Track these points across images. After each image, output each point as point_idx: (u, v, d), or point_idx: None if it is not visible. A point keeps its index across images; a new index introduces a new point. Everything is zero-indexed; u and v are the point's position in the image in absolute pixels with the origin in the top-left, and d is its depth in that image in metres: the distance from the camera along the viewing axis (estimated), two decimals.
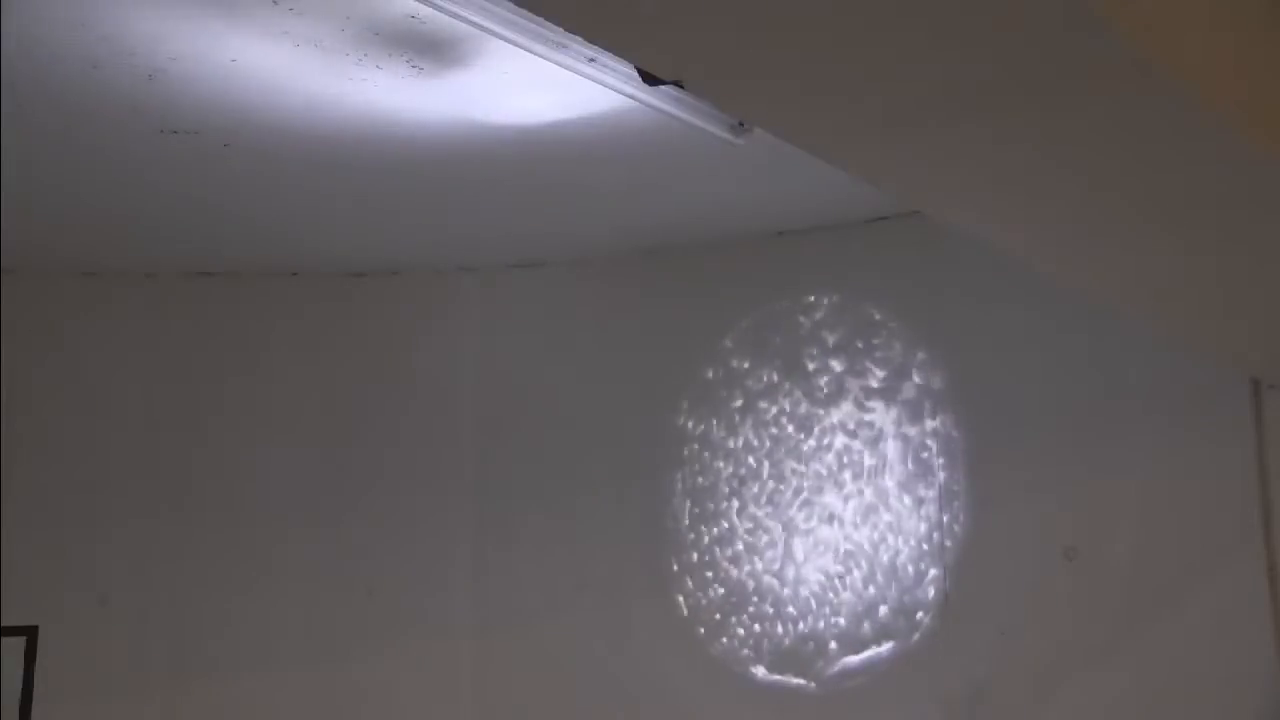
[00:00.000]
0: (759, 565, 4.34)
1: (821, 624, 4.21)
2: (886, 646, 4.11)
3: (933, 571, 4.06)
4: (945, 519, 4.06)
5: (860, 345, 4.30)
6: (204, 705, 4.62)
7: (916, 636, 4.06)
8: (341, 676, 4.67)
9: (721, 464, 4.46)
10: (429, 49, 3.01)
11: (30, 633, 4.46)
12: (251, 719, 4.61)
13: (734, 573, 4.38)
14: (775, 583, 4.31)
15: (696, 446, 4.51)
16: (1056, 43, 1.71)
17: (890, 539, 4.14)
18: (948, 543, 4.05)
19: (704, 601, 4.41)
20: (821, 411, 4.32)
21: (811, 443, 4.32)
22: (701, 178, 3.93)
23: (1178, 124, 1.99)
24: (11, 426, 4.54)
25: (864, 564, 4.18)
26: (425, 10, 2.74)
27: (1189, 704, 3.66)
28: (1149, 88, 1.84)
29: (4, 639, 4.38)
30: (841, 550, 4.21)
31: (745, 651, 4.32)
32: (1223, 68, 1.99)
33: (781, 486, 4.34)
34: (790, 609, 4.27)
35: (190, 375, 4.83)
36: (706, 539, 4.44)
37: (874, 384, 4.26)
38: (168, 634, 4.63)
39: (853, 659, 4.15)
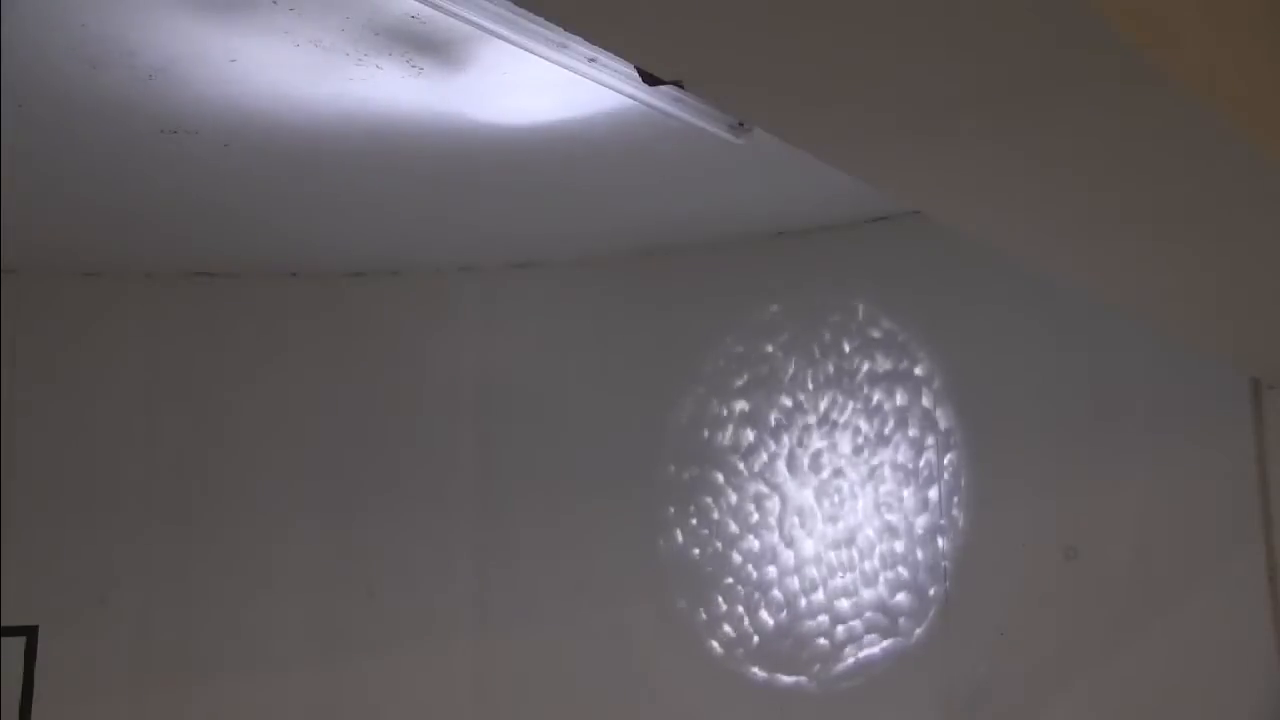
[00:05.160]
0: (758, 565, 4.34)
1: (820, 624, 4.21)
2: (886, 646, 4.11)
3: (933, 572, 4.06)
4: (945, 519, 4.06)
5: (860, 345, 4.30)
6: (204, 705, 4.62)
7: (916, 636, 4.06)
8: (341, 677, 4.67)
9: (720, 464, 4.46)
10: (429, 49, 3.01)
11: (30, 633, 4.46)
12: (252, 718, 4.61)
13: (732, 572, 4.38)
14: (774, 582, 4.31)
15: (695, 446, 4.51)
16: (1056, 44, 1.71)
17: (890, 538, 4.14)
18: (948, 543, 4.05)
19: (702, 601, 4.41)
20: (821, 412, 4.32)
21: (810, 443, 4.32)
22: (701, 178, 3.93)
23: (1177, 124, 1.99)
24: (12, 426, 4.54)
25: (863, 563, 4.18)
26: (425, 10, 2.74)
27: (1189, 704, 3.66)
28: (1149, 88, 1.84)
29: (4, 639, 4.38)
30: (840, 550, 4.21)
31: (744, 651, 4.32)
32: (1223, 68, 1.99)
33: (780, 487, 4.34)
34: (789, 608, 4.27)
35: (190, 375, 4.83)
36: (705, 539, 4.44)
37: (874, 384, 4.25)
38: (168, 634, 4.63)
39: (852, 658, 4.15)
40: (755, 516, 4.37)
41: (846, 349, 4.32)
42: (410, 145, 3.59)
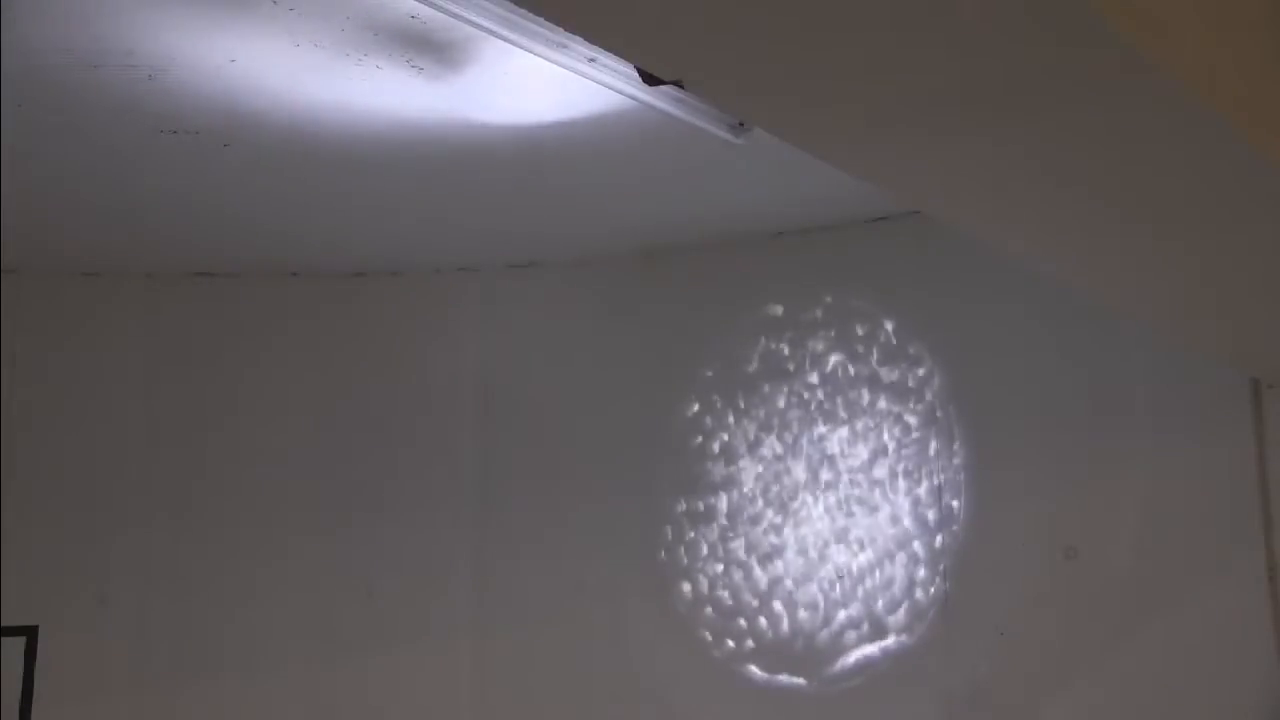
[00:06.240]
0: (757, 565, 4.34)
1: (820, 623, 4.21)
2: (886, 646, 4.11)
3: (933, 572, 4.06)
4: (945, 519, 4.06)
5: (860, 346, 4.30)
6: (204, 705, 4.62)
7: (916, 636, 4.06)
8: (341, 677, 4.67)
9: (719, 464, 4.46)
10: (429, 49, 3.01)
11: (30, 633, 4.46)
12: (252, 718, 4.61)
13: (732, 572, 4.38)
14: (774, 582, 4.31)
15: (695, 446, 4.51)
16: (1055, 43, 1.71)
17: (890, 539, 4.14)
18: (948, 543, 4.05)
19: (702, 601, 4.41)
20: (820, 412, 4.32)
21: (810, 442, 4.32)
22: (701, 178, 3.93)
23: (1177, 124, 1.99)
24: (12, 426, 4.54)
25: (863, 563, 4.18)
26: (425, 10, 2.74)
27: (1189, 704, 3.66)
28: (1148, 88, 1.84)
29: (4, 639, 4.38)
30: (840, 550, 4.22)
31: (743, 651, 4.32)
32: (1223, 68, 1.99)
33: (780, 486, 4.34)
34: (789, 609, 4.27)
35: (190, 375, 4.83)
36: (705, 539, 4.44)
37: (874, 384, 4.25)
38: (168, 634, 4.64)
39: (852, 659, 4.15)
40: (755, 516, 4.37)
41: (846, 349, 4.32)
42: (410, 145, 3.59)
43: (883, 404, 4.23)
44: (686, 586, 4.45)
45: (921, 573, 4.08)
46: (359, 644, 4.69)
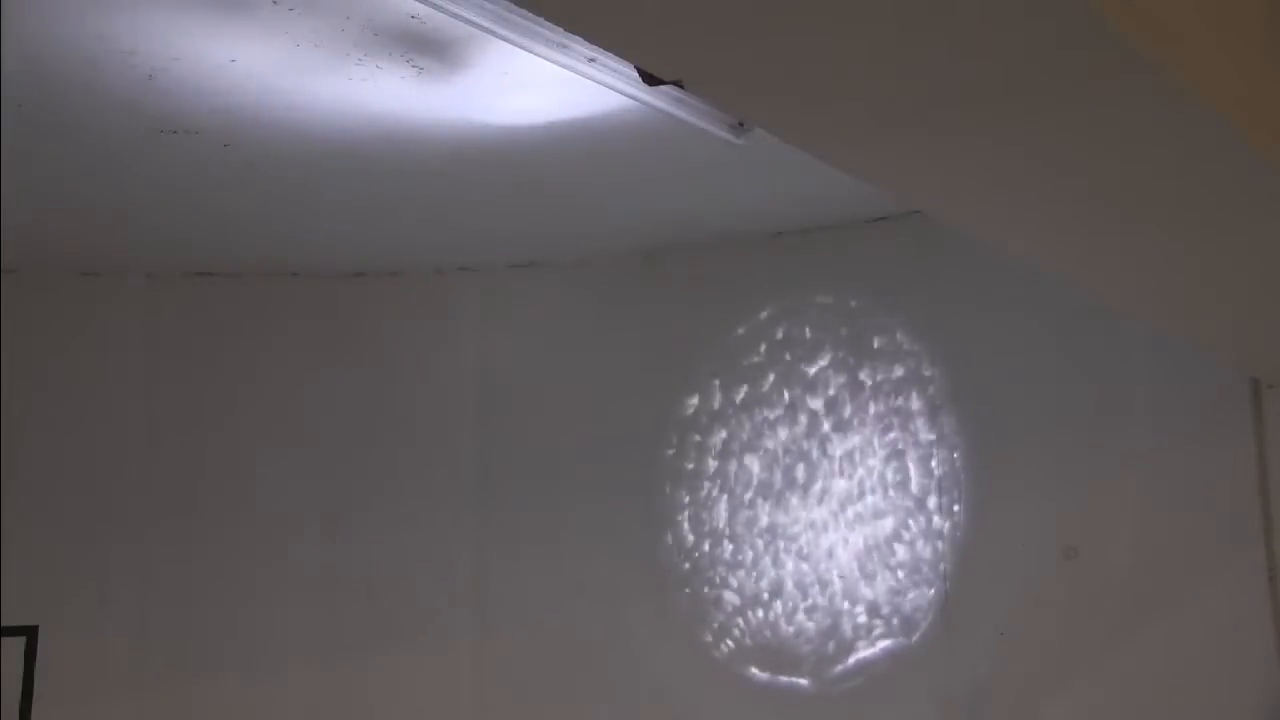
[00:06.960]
0: (757, 566, 4.34)
1: (821, 624, 4.21)
2: (886, 646, 4.11)
3: (933, 572, 4.06)
4: (945, 519, 4.06)
5: (860, 346, 4.30)
6: (204, 705, 4.62)
7: (916, 636, 4.06)
8: (341, 677, 4.67)
9: (719, 465, 4.46)
10: (429, 49, 3.01)
11: (30, 633, 4.46)
12: (252, 718, 4.61)
13: (732, 573, 4.38)
14: (774, 583, 4.31)
15: (694, 446, 4.51)
16: (1056, 43, 1.71)
17: (890, 539, 4.14)
18: (948, 543, 4.05)
19: (702, 602, 4.41)
20: (821, 413, 4.32)
21: (810, 444, 4.32)
22: (701, 178, 3.93)
23: (1177, 124, 1.99)
24: (11, 426, 4.54)
25: (863, 564, 4.18)
26: (425, 10, 2.74)
27: (1189, 704, 3.66)
28: (1148, 88, 1.84)
29: (4, 639, 4.38)
30: (841, 550, 4.22)
31: (744, 652, 4.32)
32: (1223, 68, 1.99)
33: (781, 487, 4.34)
34: (789, 609, 4.27)
35: (190, 375, 4.83)
36: (705, 540, 4.44)
37: (874, 385, 4.26)
38: (168, 634, 4.63)
39: (852, 659, 4.15)
40: (755, 516, 4.37)
41: (846, 349, 4.32)
42: (410, 145, 3.59)
43: (883, 404, 4.23)
44: (686, 587, 4.44)
45: (922, 573, 4.08)
46: (359, 644, 4.69)
